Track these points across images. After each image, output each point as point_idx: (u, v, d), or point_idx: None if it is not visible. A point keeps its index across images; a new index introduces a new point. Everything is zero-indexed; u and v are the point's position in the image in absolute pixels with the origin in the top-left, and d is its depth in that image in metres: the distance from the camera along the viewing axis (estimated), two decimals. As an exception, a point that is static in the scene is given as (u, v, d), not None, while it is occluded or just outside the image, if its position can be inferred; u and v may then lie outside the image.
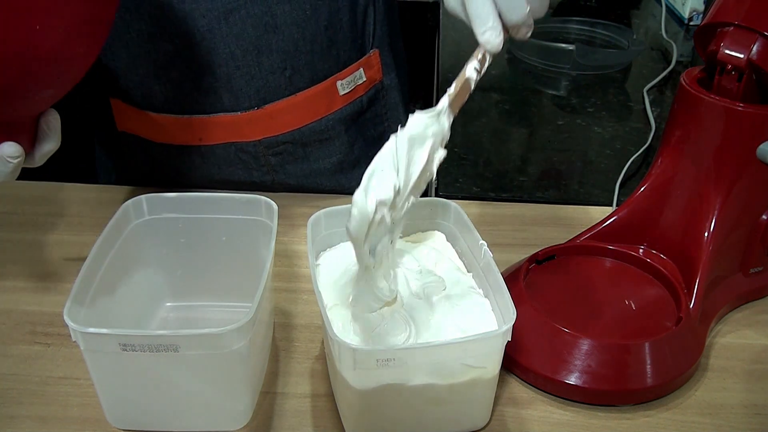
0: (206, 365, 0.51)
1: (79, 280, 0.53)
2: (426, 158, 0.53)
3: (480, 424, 0.56)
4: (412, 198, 0.54)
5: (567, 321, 0.60)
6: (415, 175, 0.53)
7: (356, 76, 0.84)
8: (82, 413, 0.57)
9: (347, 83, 0.84)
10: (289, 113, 0.82)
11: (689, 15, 1.40)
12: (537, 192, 0.89)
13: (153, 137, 0.85)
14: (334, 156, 0.87)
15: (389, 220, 0.52)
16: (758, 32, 0.58)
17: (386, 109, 0.91)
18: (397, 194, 0.51)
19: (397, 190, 0.51)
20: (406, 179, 0.52)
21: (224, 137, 0.82)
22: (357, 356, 0.48)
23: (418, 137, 0.53)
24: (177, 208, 0.63)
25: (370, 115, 0.89)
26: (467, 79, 0.55)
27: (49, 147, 0.61)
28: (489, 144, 0.99)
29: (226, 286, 0.66)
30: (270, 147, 0.84)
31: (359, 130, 0.89)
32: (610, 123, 1.04)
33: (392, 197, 0.51)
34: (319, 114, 0.83)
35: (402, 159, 0.52)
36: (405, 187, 0.52)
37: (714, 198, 0.63)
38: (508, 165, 0.95)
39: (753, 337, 0.66)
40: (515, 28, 0.54)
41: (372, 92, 0.88)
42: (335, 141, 0.86)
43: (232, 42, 0.75)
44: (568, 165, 0.94)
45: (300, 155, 0.86)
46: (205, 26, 0.75)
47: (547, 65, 1.22)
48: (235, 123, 0.81)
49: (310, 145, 0.85)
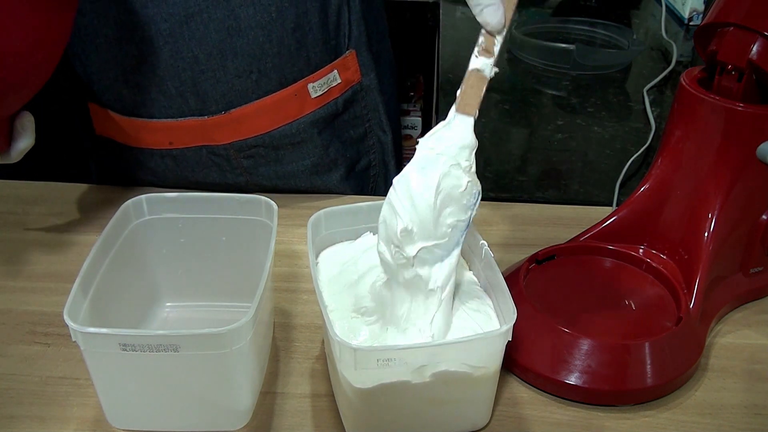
0: (206, 365, 0.51)
1: (79, 280, 0.53)
2: (437, 179, 0.51)
3: (480, 424, 0.56)
4: (452, 218, 0.52)
5: (567, 321, 0.60)
6: (429, 201, 0.51)
7: (329, 78, 0.83)
8: (82, 413, 0.57)
9: (319, 86, 0.82)
10: (258, 117, 0.81)
11: (689, 15, 1.40)
12: (537, 192, 0.89)
13: (126, 141, 0.85)
14: (307, 158, 0.87)
15: (412, 254, 0.52)
16: (758, 32, 0.58)
17: (366, 110, 0.90)
18: (410, 232, 0.51)
19: (409, 229, 0.51)
20: (419, 212, 0.51)
21: (194, 141, 0.83)
22: (358, 356, 0.48)
23: (427, 163, 0.51)
24: (177, 208, 0.63)
25: (348, 117, 0.89)
26: (474, 71, 0.53)
27: (24, 144, 0.66)
28: (489, 144, 0.99)
29: (226, 286, 0.66)
30: (241, 150, 0.84)
31: (335, 133, 0.88)
32: (610, 123, 1.04)
33: (401, 242, 0.51)
34: (290, 117, 0.83)
35: (402, 200, 0.51)
36: (422, 220, 0.51)
37: (714, 198, 0.63)
38: (508, 165, 0.95)
39: (753, 337, 0.66)
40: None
41: (349, 94, 0.87)
42: (308, 144, 0.86)
43: (195, 46, 0.75)
44: (568, 165, 0.94)
45: (272, 158, 0.85)
46: (167, 30, 0.75)
47: (547, 65, 1.22)
48: (204, 127, 0.81)
49: (282, 148, 0.85)
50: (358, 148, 0.92)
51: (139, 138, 0.84)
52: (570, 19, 1.38)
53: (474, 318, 0.55)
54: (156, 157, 0.85)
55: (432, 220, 0.52)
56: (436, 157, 0.52)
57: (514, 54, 1.26)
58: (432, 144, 0.53)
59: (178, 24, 0.74)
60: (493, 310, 0.56)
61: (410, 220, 0.51)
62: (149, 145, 0.84)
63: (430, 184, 0.51)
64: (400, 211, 0.51)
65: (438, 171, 0.51)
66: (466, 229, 0.54)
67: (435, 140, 0.53)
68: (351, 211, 0.62)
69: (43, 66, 0.63)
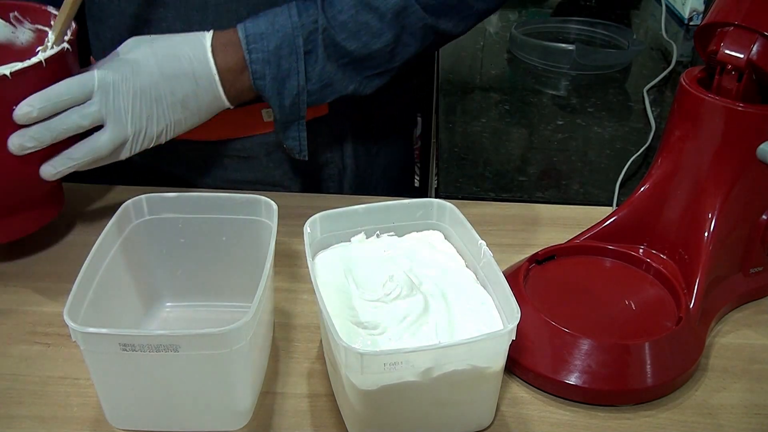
0: (206, 365, 0.51)
1: (79, 280, 0.53)
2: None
3: (484, 424, 0.56)
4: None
5: (567, 321, 0.60)
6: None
7: None
8: (82, 413, 0.57)
9: (270, 112, 0.80)
10: (208, 124, 0.78)
11: (689, 15, 1.40)
12: (537, 192, 0.89)
13: None
14: (251, 173, 0.87)
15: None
16: (758, 32, 0.58)
17: (330, 142, 0.89)
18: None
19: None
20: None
21: None
22: (364, 361, 0.48)
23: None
24: (177, 208, 0.63)
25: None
26: None
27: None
28: (489, 144, 0.99)
29: (226, 286, 0.66)
30: (190, 149, 0.85)
31: (286, 159, 0.87)
32: (610, 123, 1.04)
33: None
34: (238, 133, 0.83)
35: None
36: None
37: (714, 198, 0.63)
38: (508, 165, 0.95)
39: (753, 337, 0.66)
40: None
41: (310, 124, 0.83)
42: (254, 161, 0.86)
43: None
44: (568, 165, 0.94)
45: (219, 163, 0.86)
46: (123, 31, 0.75)
47: (547, 65, 1.22)
48: None
49: (229, 157, 0.86)
50: (311, 175, 0.91)
51: None
52: (570, 19, 1.38)
53: (477, 318, 0.55)
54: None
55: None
56: None
57: (514, 54, 1.26)
58: None
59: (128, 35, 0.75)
60: (495, 308, 0.56)
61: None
62: None
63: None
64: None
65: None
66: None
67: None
68: (347, 214, 0.62)
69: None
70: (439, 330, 0.55)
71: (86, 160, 0.65)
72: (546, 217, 0.82)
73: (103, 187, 0.88)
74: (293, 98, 0.72)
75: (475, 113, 1.07)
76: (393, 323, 0.55)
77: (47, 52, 0.63)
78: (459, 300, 0.57)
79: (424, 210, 0.64)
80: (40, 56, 0.61)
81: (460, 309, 0.56)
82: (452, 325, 0.55)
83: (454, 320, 0.56)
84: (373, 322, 0.55)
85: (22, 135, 0.62)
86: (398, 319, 0.55)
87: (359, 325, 0.55)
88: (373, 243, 0.63)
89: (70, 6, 0.65)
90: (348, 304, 0.57)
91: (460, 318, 0.56)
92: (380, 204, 0.63)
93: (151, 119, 0.67)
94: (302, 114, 0.74)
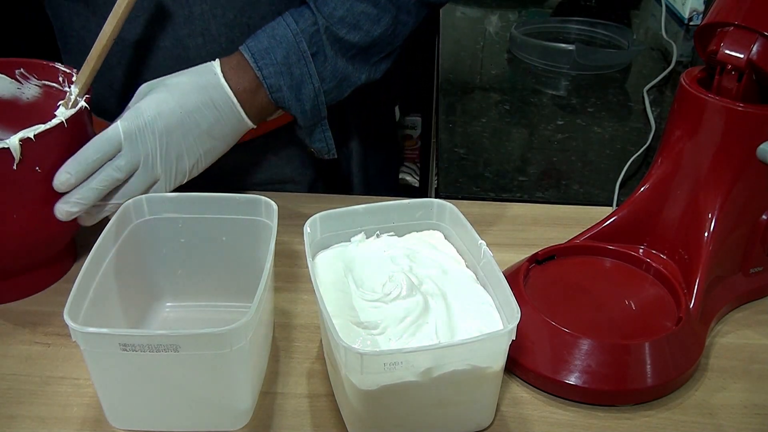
0: (206, 365, 0.51)
1: (79, 280, 0.53)
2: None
3: (485, 424, 0.56)
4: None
5: (567, 321, 0.60)
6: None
7: None
8: (82, 413, 0.57)
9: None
10: None
11: (689, 15, 1.40)
12: (537, 192, 0.89)
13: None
14: (262, 173, 0.88)
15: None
16: (758, 32, 0.58)
17: (334, 133, 0.90)
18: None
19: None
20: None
21: None
22: (364, 361, 0.48)
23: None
24: (177, 208, 0.63)
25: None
26: None
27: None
28: (489, 144, 0.99)
29: (226, 286, 0.66)
30: None
31: (295, 154, 0.88)
32: (610, 123, 1.04)
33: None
34: (246, 137, 0.83)
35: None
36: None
37: (714, 198, 0.63)
38: (508, 165, 0.95)
39: (753, 337, 0.66)
40: None
41: None
42: (263, 161, 0.86)
43: (146, 72, 0.76)
44: (568, 165, 0.94)
45: (227, 171, 0.85)
46: (118, 53, 0.76)
47: (547, 65, 1.22)
48: None
49: (241, 163, 0.86)
50: (319, 167, 0.92)
51: None
52: (570, 19, 1.38)
53: (477, 317, 0.55)
54: None
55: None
56: None
57: (514, 54, 1.26)
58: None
59: (129, 47, 0.76)
60: (494, 308, 0.56)
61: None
62: None
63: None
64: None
65: None
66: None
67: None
68: (347, 214, 0.62)
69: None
70: (439, 330, 0.55)
71: (104, 184, 0.66)
72: (546, 217, 0.82)
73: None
74: (312, 101, 0.73)
75: (475, 113, 1.07)
76: (393, 323, 0.55)
77: (68, 110, 0.64)
78: (459, 300, 0.57)
79: (424, 210, 0.64)
80: (61, 116, 0.62)
81: (460, 309, 0.56)
82: (452, 325, 0.55)
83: (454, 320, 0.56)
84: (373, 322, 0.56)
85: (67, 202, 0.63)
86: (398, 319, 0.55)
87: (359, 325, 0.55)
88: (373, 243, 0.63)
89: (95, 60, 0.66)
90: (348, 304, 0.57)
91: (460, 318, 0.56)
92: (380, 204, 0.63)
93: (182, 156, 0.68)
94: (323, 115, 0.75)
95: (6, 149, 0.58)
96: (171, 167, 0.68)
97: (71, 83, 0.68)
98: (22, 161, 0.59)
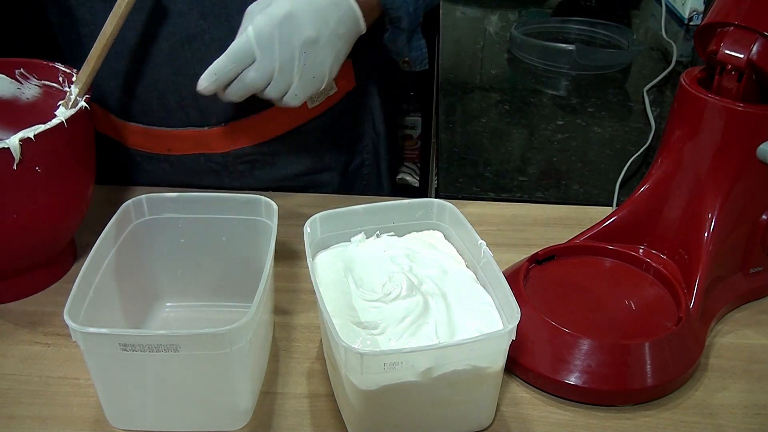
0: (206, 365, 0.51)
1: (79, 280, 0.53)
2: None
3: (485, 424, 0.56)
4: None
5: (567, 321, 0.60)
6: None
7: (326, 89, 0.83)
8: (82, 413, 0.57)
9: (317, 97, 0.84)
10: (257, 127, 0.82)
11: (689, 15, 1.40)
12: (537, 192, 0.89)
13: (124, 141, 0.86)
14: (302, 164, 0.88)
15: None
16: (758, 32, 0.58)
17: (360, 113, 0.92)
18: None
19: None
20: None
21: (192, 149, 0.83)
22: (364, 361, 0.48)
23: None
24: (177, 208, 0.63)
25: (344, 123, 0.90)
26: None
27: None
28: (489, 144, 0.99)
29: (226, 286, 0.66)
30: (238, 157, 0.85)
31: (330, 138, 0.89)
32: (610, 123, 1.04)
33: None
34: (287, 127, 0.84)
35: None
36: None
37: (714, 198, 0.63)
38: (508, 165, 0.95)
39: (753, 337, 0.66)
40: None
41: (344, 101, 0.88)
42: (304, 150, 0.87)
43: (196, 64, 0.75)
44: (568, 165, 0.94)
45: (269, 162, 0.86)
46: (167, 49, 0.75)
47: (547, 65, 1.22)
48: (203, 137, 0.82)
49: (279, 154, 0.86)
50: (352, 150, 0.93)
51: (136, 142, 0.85)
52: (570, 19, 1.38)
53: (477, 318, 0.55)
54: (153, 160, 0.86)
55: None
56: None
57: (514, 54, 1.26)
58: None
59: (179, 44, 0.75)
60: (494, 308, 0.56)
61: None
62: (147, 149, 0.85)
63: None
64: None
65: None
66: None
67: None
68: (347, 214, 0.62)
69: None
70: (439, 330, 0.55)
71: (239, 93, 0.68)
72: (546, 217, 0.82)
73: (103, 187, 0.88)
74: (414, 3, 0.74)
75: (475, 113, 1.07)
76: (393, 323, 0.55)
77: (68, 110, 0.64)
78: (459, 300, 0.57)
79: (424, 210, 0.64)
80: (61, 116, 0.62)
81: (460, 309, 0.56)
82: (452, 325, 0.55)
83: (454, 320, 0.56)
84: (373, 322, 0.56)
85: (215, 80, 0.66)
86: (398, 319, 0.55)
87: (359, 325, 0.55)
88: (373, 243, 0.63)
89: (95, 60, 0.66)
90: (348, 304, 0.57)
91: (460, 318, 0.56)
92: (380, 204, 0.63)
93: (317, 61, 0.68)
94: (420, 20, 0.76)
95: (6, 149, 0.58)
96: (293, 60, 0.67)
97: (71, 83, 0.68)
98: (22, 161, 0.59)
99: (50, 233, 0.66)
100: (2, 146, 0.58)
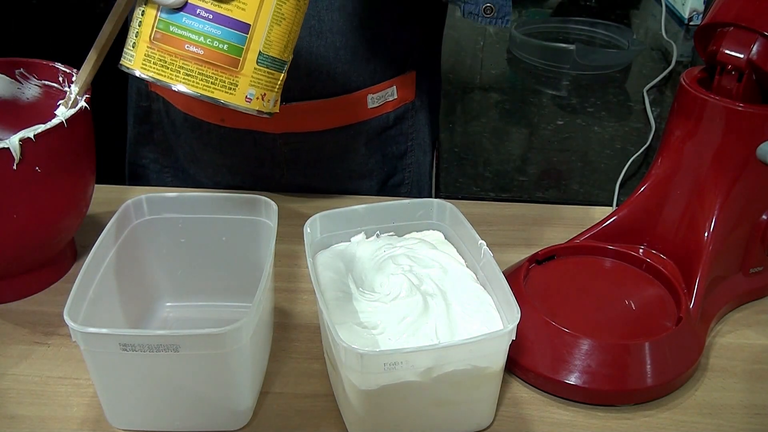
0: (206, 365, 0.51)
1: (79, 280, 0.53)
2: None
3: (485, 424, 0.56)
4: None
5: (567, 321, 0.60)
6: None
7: (387, 93, 0.84)
8: (82, 413, 0.57)
9: (378, 98, 0.84)
10: (313, 115, 0.82)
11: (689, 15, 1.40)
12: (537, 192, 0.89)
13: (177, 103, 0.85)
14: (347, 163, 0.88)
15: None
16: (758, 32, 0.58)
17: (413, 129, 0.91)
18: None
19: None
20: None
21: (246, 124, 0.83)
22: (364, 361, 0.48)
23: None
24: (177, 208, 0.63)
25: (395, 133, 0.90)
26: None
27: None
28: (489, 144, 0.99)
29: (226, 286, 0.66)
30: (288, 142, 0.84)
31: (380, 146, 0.89)
32: (610, 123, 1.04)
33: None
34: (343, 122, 0.84)
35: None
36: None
37: (714, 198, 0.63)
38: (508, 165, 0.95)
39: (753, 337, 0.66)
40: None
41: (401, 110, 0.88)
42: (352, 150, 0.87)
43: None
44: (568, 165, 0.94)
45: (314, 155, 0.86)
46: None
47: (547, 65, 1.22)
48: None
49: (326, 149, 0.86)
50: (396, 163, 0.93)
51: (191, 105, 0.84)
52: (570, 19, 1.38)
53: (477, 318, 0.55)
54: (202, 129, 0.85)
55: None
56: None
57: (514, 54, 1.26)
58: None
59: None
60: (494, 308, 0.56)
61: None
62: (200, 115, 0.84)
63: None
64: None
65: None
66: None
67: None
68: (347, 214, 0.62)
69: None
70: (439, 330, 0.55)
71: None
72: (546, 217, 0.82)
73: (103, 187, 0.88)
74: None
75: (475, 113, 1.07)
76: (393, 323, 0.55)
77: (68, 110, 0.64)
78: (459, 300, 0.57)
79: (424, 210, 0.64)
80: (61, 116, 0.62)
81: (460, 309, 0.56)
82: (452, 325, 0.55)
83: (454, 320, 0.56)
84: (373, 322, 0.56)
85: None
86: (398, 319, 0.55)
87: (359, 325, 0.55)
88: (373, 243, 0.63)
89: (95, 59, 0.66)
90: (348, 304, 0.57)
91: (460, 318, 0.56)
92: (380, 204, 0.63)
93: None
94: None
95: (6, 149, 0.58)
96: None
97: (71, 83, 0.68)
98: (22, 161, 0.59)
99: (50, 233, 0.66)
100: (2, 146, 0.58)
